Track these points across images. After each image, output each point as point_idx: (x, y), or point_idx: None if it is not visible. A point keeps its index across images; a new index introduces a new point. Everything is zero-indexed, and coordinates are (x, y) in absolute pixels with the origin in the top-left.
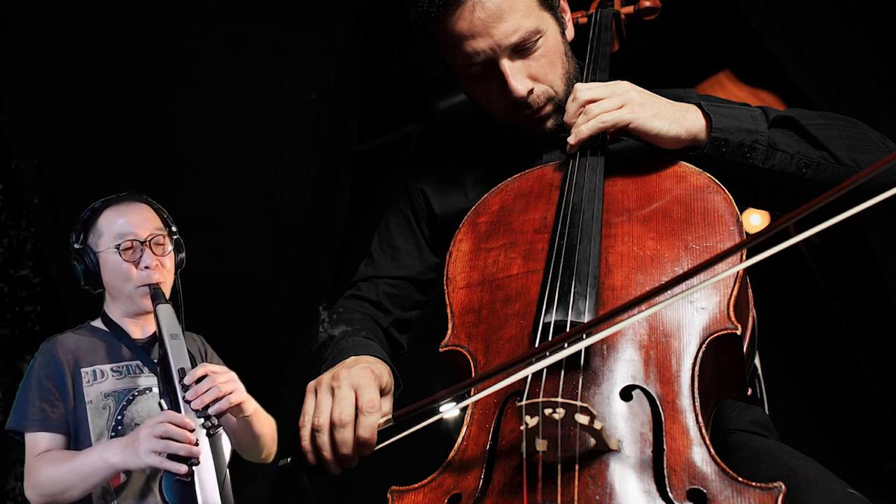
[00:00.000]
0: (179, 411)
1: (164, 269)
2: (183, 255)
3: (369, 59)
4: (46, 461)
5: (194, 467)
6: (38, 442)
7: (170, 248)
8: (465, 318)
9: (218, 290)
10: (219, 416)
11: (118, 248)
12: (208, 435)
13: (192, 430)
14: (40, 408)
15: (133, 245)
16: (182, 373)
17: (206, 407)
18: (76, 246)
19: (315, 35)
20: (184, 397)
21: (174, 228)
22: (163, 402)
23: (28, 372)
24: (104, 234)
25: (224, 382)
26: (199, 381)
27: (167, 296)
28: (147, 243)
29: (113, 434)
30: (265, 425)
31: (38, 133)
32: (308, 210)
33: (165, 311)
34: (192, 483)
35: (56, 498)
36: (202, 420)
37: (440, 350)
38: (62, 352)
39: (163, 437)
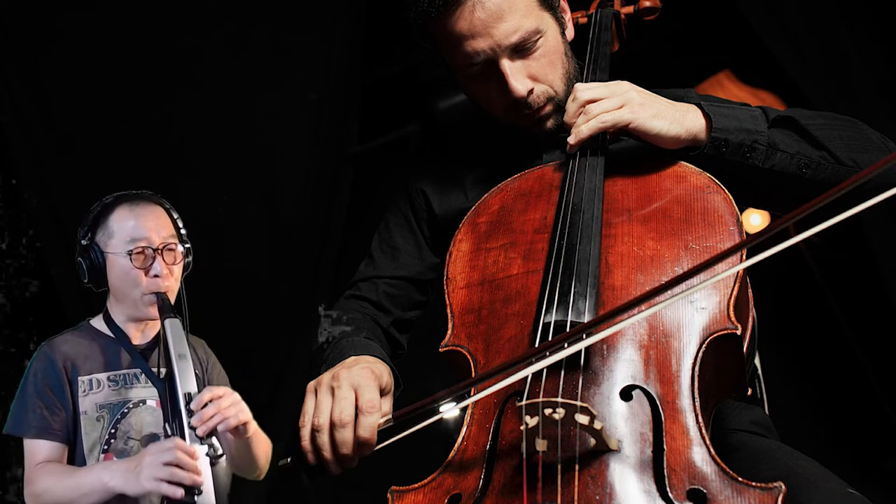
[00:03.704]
0: (184, 436)
1: (172, 278)
2: (190, 259)
3: (369, 59)
4: (46, 472)
5: (196, 497)
6: (38, 450)
7: (180, 255)
8: (465, 318)
9: (218, 290)
10: (220, 438)
11: (130, 254)
12: (211, 464)
13: (197, 459)
14: (41, 415)
15: (145, 252)
16: (188, 397)
17: (211, 434)
18: (83, 242)
19: (315, 35)
20: (189, 423)
21: (184, 232)
22: (167, 426)
23: (25, 377)
24: (115, 236)
25: (227, 407)
26: (204, 406)
27: (171, 300)
28: (159, 251)
29: (105, 447)
30: (262, 446)
31: (38, 133)
32: (308, 210)
33: (174, 326)
34: None
35: None
36: (206, 448)
37: (440, 350)
38: (60, 358)
39: (169, 464)
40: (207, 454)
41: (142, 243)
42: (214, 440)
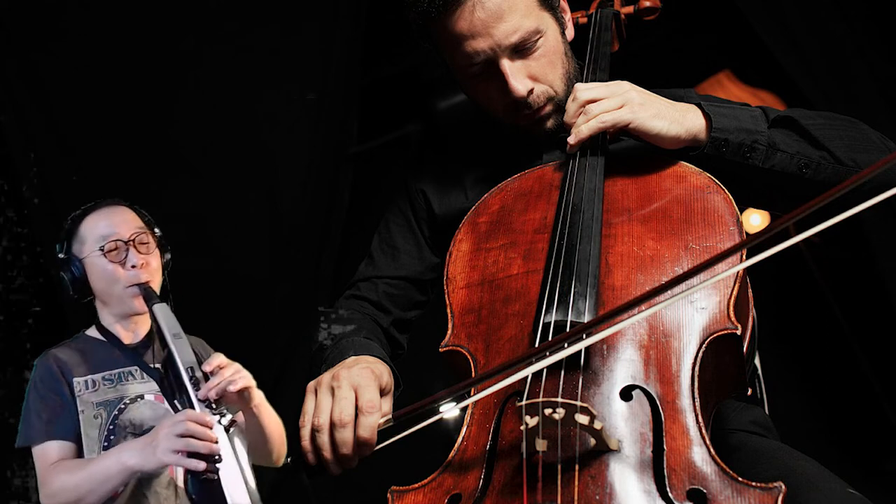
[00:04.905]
0: (194, 409)
1: (150, 268)
2: (169, 255)
3: (369, 59)
4: (60, 470)
5: (218, 465)
6: (49, 452)
7: (154, 246)
8: (465, 318)
9: (218, 290)
10: (229, 406)
11: (102, 250)
12: (226, 430)
13: (211, 427)
14: (46, 419)
15: (117, 245)
16: (191, 371)
17: (220, 402)
18: (61, 256)
19: (315, 35)
20: (197, 396)
21: (157, 230)
22: (176, 403)
23: (28, 389)
24: (87, 240)
25: (233, 373)
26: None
27: (156, 291)
28: (131, 242)
29: (105, 444)
30: (273, 421)
31: (38, 133)
32: (308, 210)
33: (163, 310)
34: (219, 481)
35: None
36: (219, 417)
37: (440, 350)
38: (56, 364)
39: (183, 436)
40: (220, 422)
41: (112, 238)
42: (224, 409)
